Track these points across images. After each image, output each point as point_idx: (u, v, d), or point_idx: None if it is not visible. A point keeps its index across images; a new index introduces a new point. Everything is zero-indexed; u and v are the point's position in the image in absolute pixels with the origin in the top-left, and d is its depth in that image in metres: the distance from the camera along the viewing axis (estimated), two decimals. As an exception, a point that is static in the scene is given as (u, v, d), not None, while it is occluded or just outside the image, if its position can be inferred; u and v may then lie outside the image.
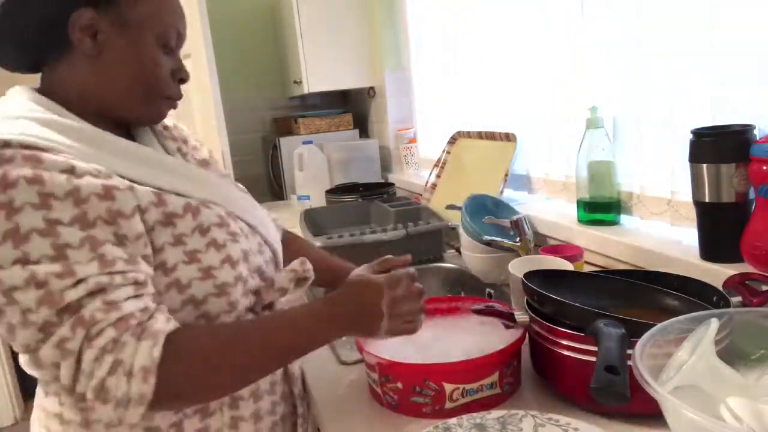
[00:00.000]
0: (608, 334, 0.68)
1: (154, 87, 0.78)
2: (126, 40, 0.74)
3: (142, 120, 0.83)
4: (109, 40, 0.74)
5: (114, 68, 0.75)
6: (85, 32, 0.72)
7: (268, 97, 3.01)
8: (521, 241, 1.25)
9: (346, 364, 0.98)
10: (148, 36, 0.76)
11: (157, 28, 0.76)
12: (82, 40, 0.73)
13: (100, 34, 0.73)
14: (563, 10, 1.36)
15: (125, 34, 0.74)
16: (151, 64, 0.76)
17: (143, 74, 0.76)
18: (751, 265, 0.92)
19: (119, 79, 0.76)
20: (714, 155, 0.94)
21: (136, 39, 0.75)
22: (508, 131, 1.66)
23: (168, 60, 0.79)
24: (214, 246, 0.75)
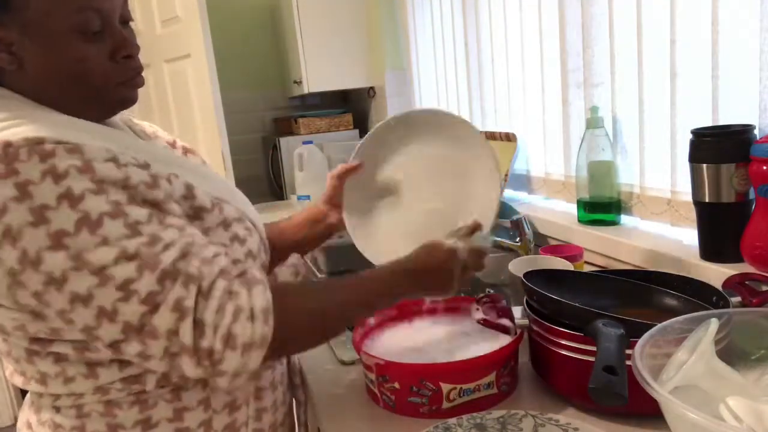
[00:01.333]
0: (607, 334, 0.68)
1: (92, 82, 0.69)
2: (40, 45, 0.66)
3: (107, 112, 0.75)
4: (25, 50, 0.66)
5: (42, 75, 0.68)
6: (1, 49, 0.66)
7: (268, 97, 3.01)
8: (521, 241, 1.24)
9: (345, 364, 0.97)
10: (60, 32, 0.66)
11: (64, 20, 0.66)
12: (2, 57, 0.66)
13: (14, 46, 0.66)
14: (563, 10, 1.36)
15: (36, 39, 0.66)
16: (77, 64, 0.68)
17: (72, 74, 0.68)
18: (751, 265, 0.92)
19: (54, 88, 0.69)
20: (714, 155, 0.94)
21: (48, 40, 0.66)
22: (508, 131, 1.65)
23: (98, 46, 0.69)
24: (237, 240, 0.76)
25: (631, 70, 1.19)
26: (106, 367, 0.69)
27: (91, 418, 0.70)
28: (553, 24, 1.41)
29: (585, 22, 1.29)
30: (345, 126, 2.75)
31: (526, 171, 1.65)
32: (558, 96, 1.43)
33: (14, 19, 0.65)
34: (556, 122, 1.46)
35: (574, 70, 1.36)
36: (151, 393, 0.71)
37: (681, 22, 1.05)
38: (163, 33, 2.25)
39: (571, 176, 1.40)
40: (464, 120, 1.00)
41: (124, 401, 0.71)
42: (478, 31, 1.79)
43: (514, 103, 1.68)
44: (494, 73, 1.75)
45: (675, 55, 1.06)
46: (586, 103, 1.33)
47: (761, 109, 0.93)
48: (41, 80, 0.68)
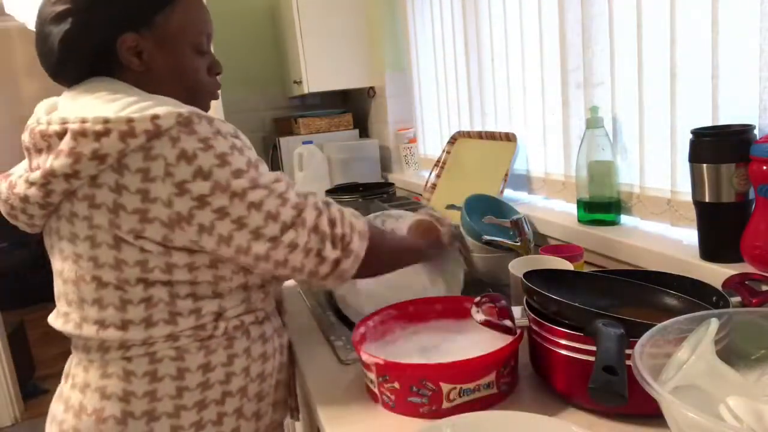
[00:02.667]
0: (607, 334, 0.68)
1: (197, 89, 0.92)
2: (166, 54, 0.88)
3: None
4: (153, 57, 0.87)
5: (161, 79, 0.88)
6: (131, 53, 0.85)
7: (268, 97, 3.01)
8: (521, 241, 1.24)
9: (345, 363, 0.97)
10: (184, 47, 0.89)
11: (190, 38, 0.89)
12: (130, 60, 0.85)
13: (144, 53, 0.86)
14: (563, 10, 1.35)
15: (165, 50, 0.88)
16: (191, 71, 0.91)
17: (186, 81, 0.90)
18: (751, 265, 0.92)
19: (167, 87, 0.88)
20: (714, 155, 0.94)
21: (174, 52, 0.88)
22: (508, 131, 1.65)
23: (204, 61, 0.93)
24: None
25: (631, 70, 1.19)
26: (185, 317, 0.83)
27: (163, 363, 0.83)
28: (553, 24, 1.41)
29: (585, 22, 1.29)
30: (345, 126, 2.75)
31: (526, 171, 1.65)
32: (558, 96, 1.43)
33: (152, 32, 0.86)
34: (556, 122, 1.46)
35: (574, 70, 1.36)
36: (214, 340, 0.86)
37: (681, 22, 1.05)
38: (163, 33, 2.25)
39: (571, 176, 1.40)
40: None
41: (192, 346, 0.84)
42: (478, 32, 1.79)
43: (514, 103, 1.67)
44: (494, 73, 1.75)
45: (675, 55, 1.06)
46: (586, 103, 1.33)
47: (761, 109, 0.93)
48: (160, 80, 0.88)
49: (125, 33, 0.84)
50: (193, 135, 0.77)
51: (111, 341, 0.83)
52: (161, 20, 0.86)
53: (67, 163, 0.76)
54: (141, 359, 0.83)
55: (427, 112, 2.31)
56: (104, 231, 0.79)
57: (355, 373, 0.94)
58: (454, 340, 0.92)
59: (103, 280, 0.81)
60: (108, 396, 0.83)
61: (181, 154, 0.76)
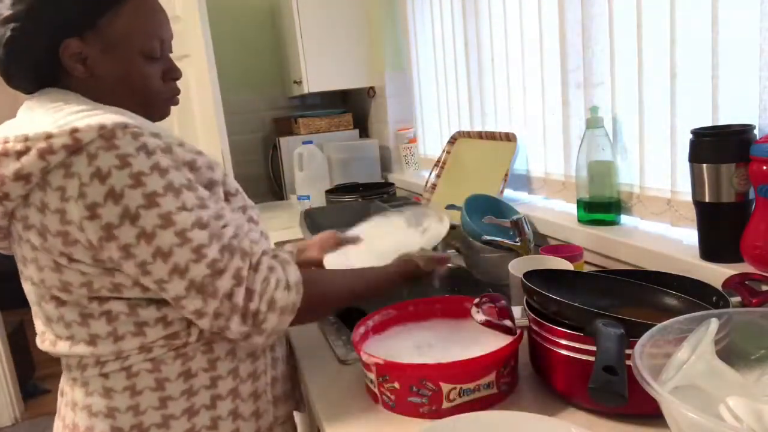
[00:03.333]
0: (607, 334, 0.68)
1: (149, 96, 0.87)
2: (112, 61, 0.83)
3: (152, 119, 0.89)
4: (98, 63, 0.82)
5: (109, 86, 0.83)
6: (74, 59, 0.80)
7: (268, 97, 3.01)
8: (521, 241, 1.24)
9: (345, 363, 0.97)
10: (131, 52, 0.83)
11: (138, 43, 0.84)
12: (74, 66, 0.81)
13: (88, 60, 0.81)
14: (563, 10, 1.35)
15: (110, 56, 0.82)
16: (139, 78, 0.85)
17: (134, 88, 0.85)
18: (751, 265, 0.92)
19: (116, 95, 0.84)
20: (714, 155, 0.94)
21: (120, 58, 0.83)
22: (508, 131, 1.65)
23: (156, 66, 0.87)
24: (253, 222, 0.90)
25: (631, 70, 1.19)
26: (152, 327, 0.80)
27: (140, 376, 0.81)
28: (553, 24, 1.41)
29: (585, 22, 1.29)
30: (345, 126, 2.75)
31: (526, 171, 1.65)
32: (558, 96, 1.43)
33: (96, 38, 0.81)
34: (556, 122, 1.46)
35: (574, 70, 1.36)
36: (190, 347, 0.82)
37: (681, 22, 1.05)
38: (163, 33, 2.25)
39: (571, 176, 1.40)
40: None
41: (167, 356, 0.81)
42: (478, 32, 1.79)
43: (514, 103, 1.67)
44: (494, 73, 1.75)
45: (675, 55, 1.06)
46: (586, 103, 1.33)
47: (761, 109, 0.93)
48: (107, 88, 0.83)
49: (69, 38, 0.79)
50: (111, 151, 0.71)
51: (86, 358, 0.81)
52: (106, 24, 0.81)
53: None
54: (118, 374, 0.81)
55: (427, 112, 2.31)
56: (43, 254, 0.77)
57: (355, 373, 0.94)
58: (454, 339, 0.92)
59: (61, 299, 0.79)
60: (95, 414, 0.82)
61: (95, 172, 0.71)
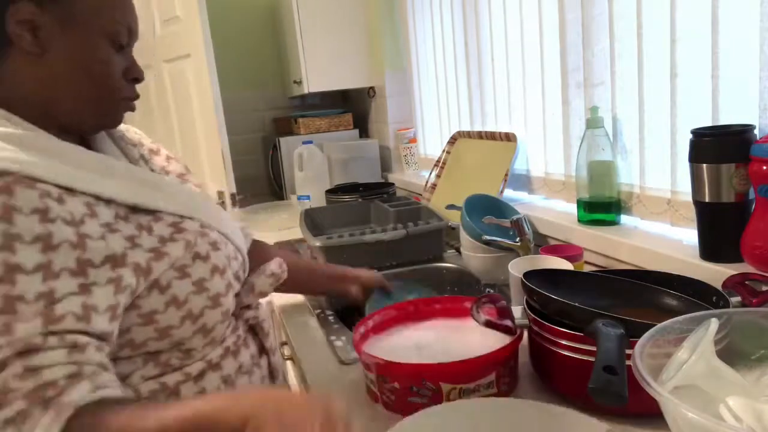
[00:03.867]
0: (607, 334, 0.68)
1: (106, 89, 0.74)
2: (71, 39, 0.69)
3: (96, 126, 0.78)
4: (53, 38, 0.68)
5: (59, 69, 0.70)
6: (23, 27, 0.67)
7: (268, 97, 3.01)
8: (521, 241, 1.24)
9: (345, 363, 0.97)
10: (96, 34, 0.71)
11: (106, 25, 0.71)
12: (21, 35, 0.67)
13: (41, 31, 0.68)
14: (563, 10, 1.35)
15: (70, 32, 0.69)
16: (101, 65, 0.72)
17: (93, 76, 0.72)
18: (751, 265, 0.92)
19: (66, 81, 0.71)
20: (714, 155, 0.94)
21: (82, 37, 0.70)
22: (508, 131, 1.65)
23: (120, 59, 0.75)
24: (200, 258, 0.76)
25: (631, 70, 1.19)
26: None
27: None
28: (553, 24, 1.41)
29: (585, 22, 1.29)
30: (345, 126, 2.75)
31: (526, 171, 1.65)
32: (558, 96, 1.43)
33: (56, 8, 0.67)
34: (556, 122, 1.46)
35: (574, 70, 1.36)
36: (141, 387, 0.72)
37: (681, 22, 1.05)
38: (162, 33, 2.25)
39: (571, 176, 1.40)
40: None
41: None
42: (478, 31, 1.79)
43: (514, 103, 1.67)
44: (494, 73, 1.75)
45: (675, 55, 1.06)
46: (586, 103, 1.33)
47: (761, 109, 0.93)
48: (57, 71, 0.69)
49: (20, 1, 0.66)
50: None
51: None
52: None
53: None
54: None
55: (427, 112, 2.31)
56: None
57: (355, 373, 0.94)
58: (454, 339, 0.92)
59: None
60: None
61: None
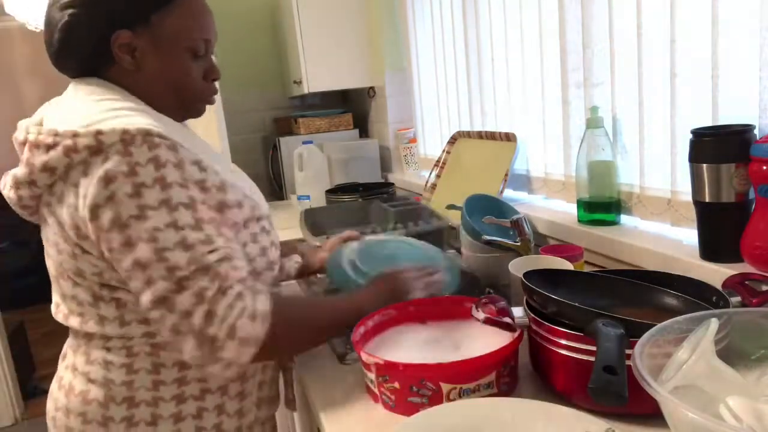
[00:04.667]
0: (607, 334, 0.68)
1: (187, 93, 0.91)
2: (159, 56, 0.87)
3: (183, 118, 0.94)
4: (145, 57, 0.86)
5: (152, 79, 0.87)
6: (123, 50, 0.85)
7: (268, 97, 3.01)
8: (521, 241, 1.24)
9: (345, 363, 0.97)
10: (179, 49, 0.88)
11: (185, 41, 0.88)
12: (122, 57, 0.85)
13: (137, 52, 0.86)
14: (563, 10, 1.35)
15: (158, 50, 0.87)
16: (182, 74, 0.89)
17: (177, 83, 0.89)
18: (751, 265, 0.92)
19: (158, 88, 0.88)
20: (714, 155, 0.94)
21: (167, 54, 0.87)
22: (508, 131, 1.65)
23: (199, 65, 0.91)
24: (264, 231, 0.92)
25: (631, 70, 1.19)
26: None
27: (139, 357, 0.85)
28: (553, 24, 1.41)
29: (585, 22, 1.29)
30: (345, 126, 2.75)
31: (526, 171, 1.65)
32: (558, 96, 1.43)
33: (147, 32, 0.85)
34: (556, 122, 1.46)
35: (574, 70, 1.36)
36: None
37: (681, 22, 1.05)
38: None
39: (571, 176, 1.40)
40: None
41: (166, 344, 0.84)
42: (478, 31, 1.79)
43: (514, 103, 1.67)
44: (494, 73, 1.75)
45: (675, 55, 1.07)
46: (586, 103, 1.33)
47: (761, 109, 0.93)
48: (149, 82, 0.87)
49: (121, 29, 0.84)
50: (125, 157, 0.75)
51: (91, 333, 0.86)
52: (158, 20, 0.86)
53: (26, 172, 0.81)
54: (119, 351, 0.85)
55: (427, 112, 2.31)
56: (62, 239, 0.82)
57: (355, 373, 0.94)
58: (453, 339, 0.92)
59: (76, 281, 0.84)
60: (92, 380, 0.86)
61: (103, 176, 0.75)
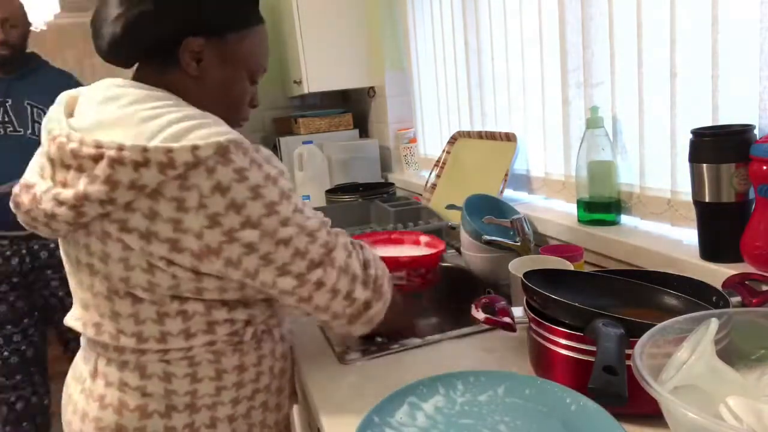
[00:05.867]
0: (607, 334, 0.68)
1: (235, 110, 0.94)
2: (225, 71, 0.89)
3: None
4: (211, 68, 0.88)
5: (208, 89, 0.89)
6: (191, 56, 0.86)
7: (268, 97, 3.01)
8: (521, 241, 1.24)
9: (346, 364, 0.97)
10: (242, 70, 0.91)
11: (251, 66, 0.92)
12: (189, 63, 0.86)
13: (203, 62, 0.87)
14: (563, 10, 1.35)
15: (224, 66, 0.89)
16: (239, 96, 0.93)
17: (230, 101, 0.92)
18: (751, 265, 0.92)
19: (210, 99, 0.89)
20: (714, 155, 0.94)
21: (233, 72, 0.90)
22: (508, 131, 1.65)
23: (251, 89, 0.96)
24: None
25: (631, 70, 1.19)
26: (221, 325, 0.85)
27: (201, 365, 0.86)
28: (553, 24, 1.41)
29: (585, 22, 1.29)
30: (345, 126, 2.75)
31: (526, 171, 1.65)
32: (558, 96, 1.43)
33: (220, 45, 0.87)
34: (556, 122, 1.46)
35: (574, 70, 1.36)
36: (245, 343, 0.89)
37: (681, 22, 1.05)
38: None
39: (571, 176, 1.40)
40: None
41: (227, 350, 0.87)
42: (478, 31, 1.79)
43: (514, 103, 1.68)
44: (494, 73, 1.75)
45: (675, 55, 1.07)
46: (586, 103, 1.33)
47: (761, 109, 0.93)
48: (206, 92, 0.89)
49: (195, 36, 0.85)
50: (228, 165, 0.76)
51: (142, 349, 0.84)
52: (233, 39, 0.88)
53: (104, 190, 0.74)
54: (180, 362, 0.85)
55: (427, 112, 2.31)
56: (137, 255, 0.79)
57: (355, 373, 0.94)
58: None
59: (138, 297, 0.82)
60: (150, 394, 0.85)
61: (215, 186, 0.75)
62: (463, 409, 0.74)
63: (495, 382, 0.78)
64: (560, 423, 0.69)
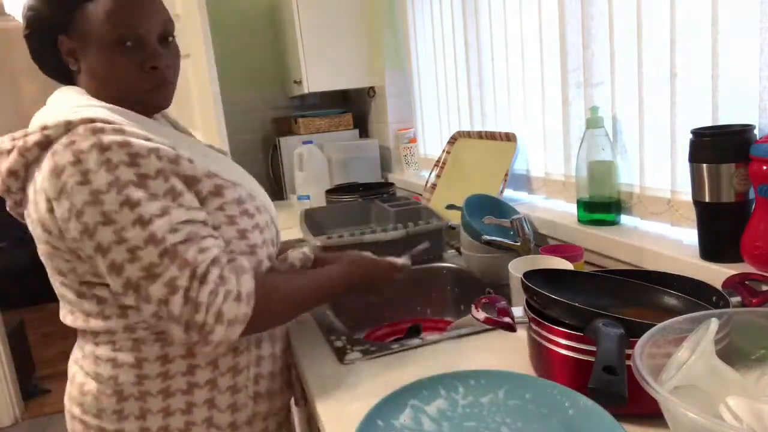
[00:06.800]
0: (607, 334, 0.68)
1: (124, 84, 0.88)
2: (90, 54, 0.87)
3: (145, 111, 0.91)
4: (82, 57, 0.88)
5: (95, 80, 0.88)
6: (68, 55, 0.88)
7: (268, 97, 3.01)
8: (521, 241, 1.24)
9: (345, 363, 0.97)
10: (101, 43, 0.86)
11: (107, 32, 0.85)
12: (68, 61, 0.89)
13: (75, 53, 0.88)
14: (563, 10, 1.36)
15: (88, 48, 0.87)
16: (111, 68, 0.87)
17: (108, 80, 0.88)
18: (751, 265, 0.92)
19: (104, 87, 0.88)
20: (714, 155, 0.94)
21: (94, 50, 0.86)
22: (508, 131, 1.65)
23: (131, 56, 0.87)
24: (247, 215, 0.90)
25: (631, 70, 1.19)
26: (135, 310, 0.84)
27: (122, 351, 0.87)
28: (553, 24, 1.41)
29: (585, 22, 1.29)
30: (345, 126, 2.75)
31: (526, 171, 1.65)
32: (558, 96, 1.43)
33: (76, 32, 0.86)
34: (556, 122, 1.46)
35: (574, 70, 1.36)
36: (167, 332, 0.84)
37: (681, 22, 1.05)
38: (163, 33, 2.25)
39: (571, 176, 1.40)
40: None
41: (148, 339, 0.87)
42: (478, 31, 1.79)
43: (514, 103, 1.68)
44: (494, 73, 1.75)
45: (675, 55, 1.07)
46: (586, 103, 1.33)
47: (761, 109, 0.93)
48: (96, 81, 0.88)
49: (60, 35, 0.87)
50: (70, 147, 0.76)
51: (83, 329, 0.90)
52: (79, 18, 0.85)
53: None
54: (106, 346, 0.88)
55: (427, 112, 2.31)
56: (38, 240, 0.85)
57: (355, 373, 0.94)
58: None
59: (61, 280, 0.87)
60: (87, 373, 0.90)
61: (53, 168, 0.77)
62: (465, 411, 0.74)
63: (496, 384, 0.78)
64: (561, 424, 0.69)
